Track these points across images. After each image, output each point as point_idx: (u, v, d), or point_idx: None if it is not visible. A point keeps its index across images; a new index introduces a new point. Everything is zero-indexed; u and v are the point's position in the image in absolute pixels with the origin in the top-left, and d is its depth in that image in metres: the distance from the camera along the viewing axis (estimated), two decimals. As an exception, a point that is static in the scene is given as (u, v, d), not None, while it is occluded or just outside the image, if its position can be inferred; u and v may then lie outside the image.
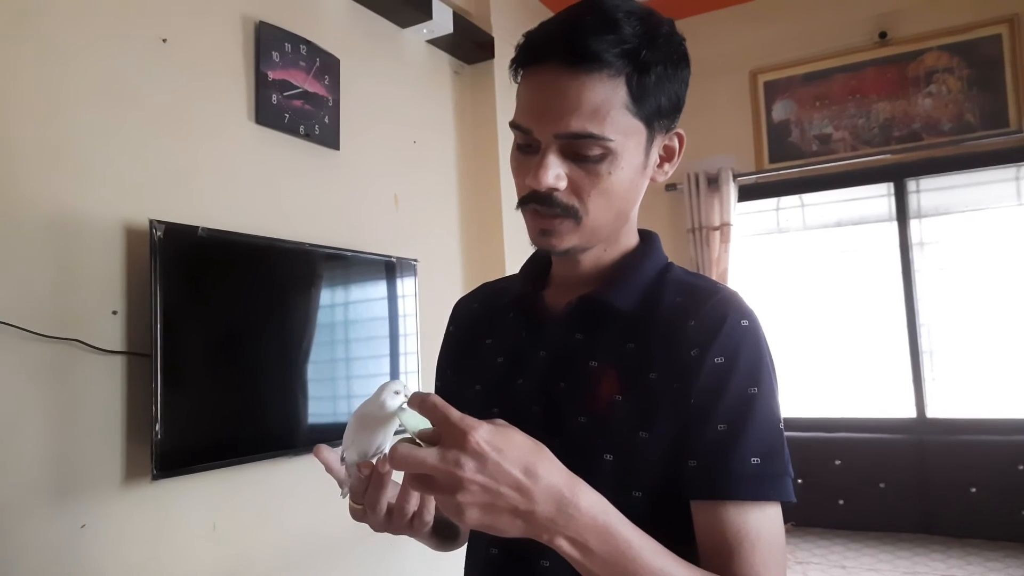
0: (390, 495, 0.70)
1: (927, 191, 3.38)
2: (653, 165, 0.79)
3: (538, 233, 0.78)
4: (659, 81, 0.73)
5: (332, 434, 2.00)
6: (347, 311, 2.29)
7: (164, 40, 1.84)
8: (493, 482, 0.56)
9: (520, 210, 0.79)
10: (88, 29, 1.67)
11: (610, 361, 0.77)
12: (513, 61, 0.77)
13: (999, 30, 3.16)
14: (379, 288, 2.43)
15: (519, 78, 0.77)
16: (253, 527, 1.95)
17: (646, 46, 0.71)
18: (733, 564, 0.67)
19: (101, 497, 1.61)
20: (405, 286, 2.50)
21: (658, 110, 0.75)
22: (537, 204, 0.75)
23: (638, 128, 0.74)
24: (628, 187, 0.77)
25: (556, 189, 0.73)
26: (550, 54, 0.72)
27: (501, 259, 2.99)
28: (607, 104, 0.71)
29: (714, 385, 0.72)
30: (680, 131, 0.81)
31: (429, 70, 2.90)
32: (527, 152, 0.76)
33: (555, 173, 0.73)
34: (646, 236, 0.87)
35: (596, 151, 0.72)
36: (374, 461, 0.68)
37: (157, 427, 1.61)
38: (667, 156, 0.81)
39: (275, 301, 2.02)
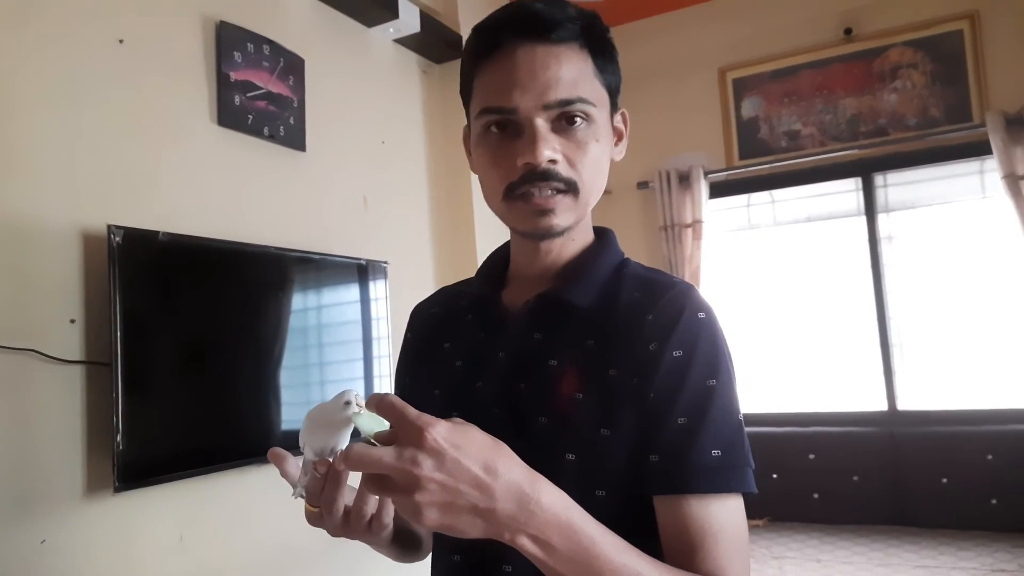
0: (347, 498, 0.68)
1: (894, 185, 3.43)
2: (613, 142, 0.82)
3: (538, 215, 0.75)
4: (610, 59, 0.79)
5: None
6: (318, 315, 2.26)
7: (121, 41, 1.79)
8: (452, 480, 0.54)
9: (506, 201, 0.76)
10: (40, 29, 1.62)
11: (570, 359, 0.76)
12: (473, 52, 0.78)
13: (960, 25, 3.21)
14: (350, 291, 2.40)
15: (478, 69, 0.78)
16: (222, 538, 1.91)
17: (594, 25, 0.77)
18: (697, 558, 0.66)
19: (61, 511, 1.57)
20: (376, 289, 2.47)
21: (614, 85, 0.79)
22: (538, 182, 0.74)
23: (605, 99, 0.78)
24: (604, 159, 0.79)
25: (555, 161, 0.74)
26: (519, 33, 0.74)
27: (473, 259, 2.96)
28: (582, 72, 0.75)
29: (673, 379, 0.71)
30: (624, 110, 0.84)
31: (397, 69, 2.87)
32: (506, 136, 0.75)
33: (552, 145, 0.73)
34: (601, 232, 0.87)
35: (581, 118, 0.74)
36: (331, 459, 0.66)
37: (118, 438, 1.57)
38: (618, 135, 0.83)
39: (241, 306, 1.98)
